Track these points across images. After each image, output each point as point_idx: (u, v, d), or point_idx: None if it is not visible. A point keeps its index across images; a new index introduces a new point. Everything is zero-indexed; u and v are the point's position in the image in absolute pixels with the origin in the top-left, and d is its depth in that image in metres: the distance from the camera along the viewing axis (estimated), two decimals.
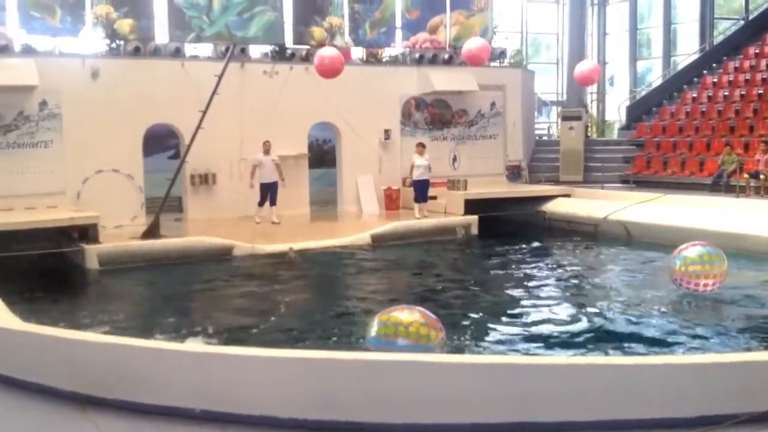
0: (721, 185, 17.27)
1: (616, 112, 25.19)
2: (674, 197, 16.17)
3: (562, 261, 13.46)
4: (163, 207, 14.47)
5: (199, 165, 16.44)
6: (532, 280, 11.92)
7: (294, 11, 18.45)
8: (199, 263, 12.97)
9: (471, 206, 16.67)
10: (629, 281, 11.53)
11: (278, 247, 13.52)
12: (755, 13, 24.65)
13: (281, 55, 18.24)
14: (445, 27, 20.14)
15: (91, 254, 12.73)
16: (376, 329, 6.14)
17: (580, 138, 21.38)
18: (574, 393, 4.83)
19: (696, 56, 24.45)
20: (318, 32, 18.37)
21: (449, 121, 19.77)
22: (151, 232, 13.87)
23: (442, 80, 19.03)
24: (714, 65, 23.39)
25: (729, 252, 10.18)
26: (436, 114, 19.61)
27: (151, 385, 5.33)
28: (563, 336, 8.40)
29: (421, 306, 6.66)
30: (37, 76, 14.82)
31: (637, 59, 27.95)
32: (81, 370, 5.62)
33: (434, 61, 19.70)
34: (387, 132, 18.85)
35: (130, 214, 15.59)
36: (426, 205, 16.68)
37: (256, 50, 18.33)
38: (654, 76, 26.68)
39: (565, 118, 22.20)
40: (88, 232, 13.27)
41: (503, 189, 18.84)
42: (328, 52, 14.78)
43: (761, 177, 16.48)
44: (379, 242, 14.67)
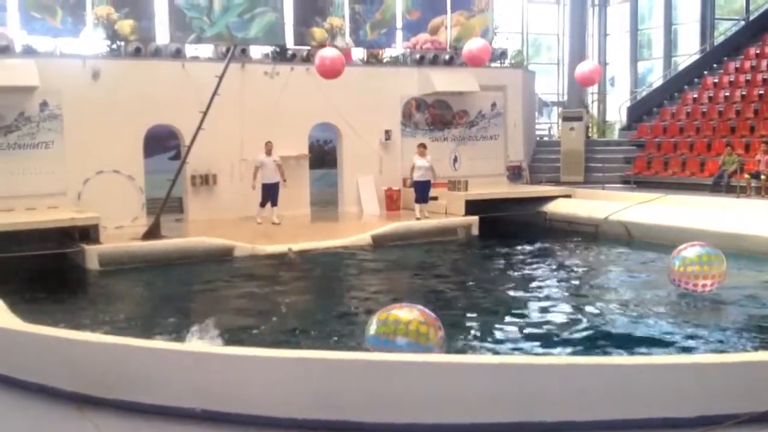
0: (721, 186, 17.27)
1: (617, 113, 25.21)
2: (675, 198, 16.16)
3: (562, 261, 13.45)
4: (164, 208, 14.47)
5: (200, 166, 16.45)
6: (532, 280, 11.92)
7: (295, 12, 18.46)
8: (199, 264, 12.98)
9: (472, 207, 16.67)
10: (630, 282, 11.52)
11: (279, 248, 13.53)
12: (756, 14, 24.64)
13: (282, 55, 18.25)
14: (446, 28, 20.15)
15: (92, 255, 12.74)
16: (375, 328, 6.11)
17: (580, 138, 21.39)
18: (574, 393, 4.82)
19: (697, 57, 24.45)
20: (319, 33, 18.37)
21: (450, 121, 19.77)
22: (152, 232, 13.88)
23: (443, 81, 19.03)
24: (715, 66, 23.40)
25: (730, 252, 10.19)
26: (436, 115, 19.61)
27: (152, 385, 5.32)
28: (564, 336, 8.40)
29: (421, 306, 6.65)
30: (37, 76, 14.83)
31: (637, 60, 27.95)
32: (81, 370, 5.61)
33: (435, 61, 19.71)
34: (388, 133, 18.85)
35: (130, 214, 15.60)
36: (427, 206, 16.67)
37: (256, 51, 18.33)
38: (655, 76, 26.69)
39: (565, 119, 22.20)
40: (88, 233, 13.28)
41: (504, 189, 18.85)
42: (329, 52, 14.78)
43: (762, 177, 16.48)
44: (380, 243, 14.67)
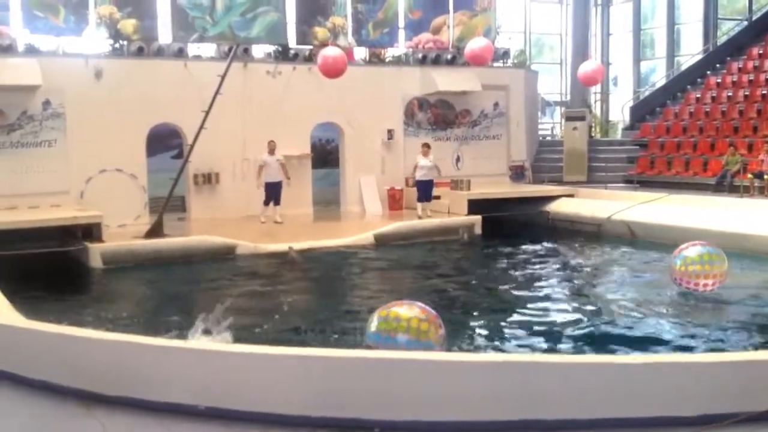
0: (724, 185, 17.26)
1: (620, 113, 25.19)
2: (678, 197, 16.15)
3: (565, 261, 13.44)
4: (167, 206, 14.50)
5: (202, 165, 16.47)
6: (535, 279, 11.91)
7: (297, 11, 18.48)
8: (202, 262, 12.99)
9: (474, 206, 16.67)
10: (632, 281, 11.52)
11: (281, 247, 13.53)
12: (759, 14, 24.61)
13: (284, 55, 18.27)
14: (448, 27, 20.15)
15: (95, 253, 12.77)
16: (375, 324, 6.11)
17: (583, 138, 21.37)
18: (575, 391, 4.82)
19: (699, 57, 24.43)
20: (321, 32, 18.38)
21: (452, 121, 19.77)
22: (155, 231, 13.90)
23: (446, 80, 19.03)
24: (717, 66, 23.37)
25: (732, 252, 10.19)
26: (439, 114, 19.61)
27: (156, 383, 5.33)
28: (565, 335, 8.40)
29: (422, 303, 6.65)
30: (40, 75, 14.87)
31: (640, 59, 27.91)
32: (85, 368, 5.63)
33: (437, 61, 19.70)
34: (390, 132, 18.85)
35: (133, 213, 15.62)
36: (429, 205, 16.69)
37: (259, 50, 18.36)
38: (658, 76, 26.66)
39: (568, 119, 22.18)
40: (91, 231, 13.31)
41: (506, 189, 18.85)
42: (331, 52, 14.81)
43: (765, 177, 16.47)
44: (383, 242, 14.67)
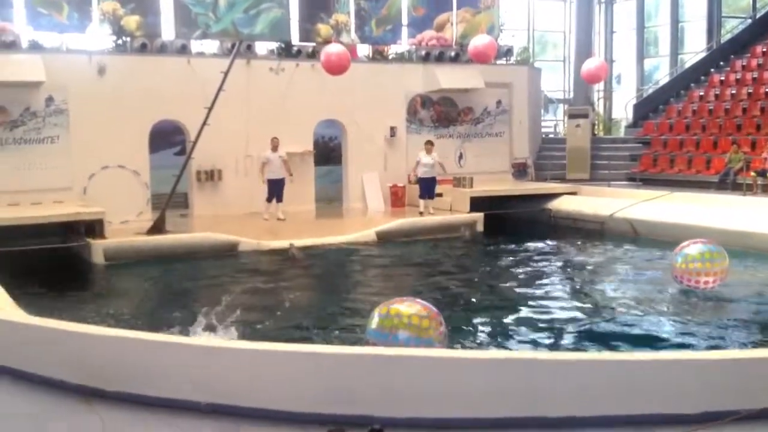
0: (727, 183, 17.22)
1: (623, 110, 25.14)
2: (681, 195, 16.13)
3: (567, 258, 13.44)
4: (169, 203, 14.50)
5: (205, 161, 16.48)
6: (537, 277, 11.90)
7: (300, 8, 18.47)
8: (204, 259, 13.00)
9: (477, 204, 16.66)
10: (635, 279, 11.51)
11: (283, 244, 13.53)
12: (763, 12, 24.54)
13: (287, 52, 18.25)
14: (452, 24, 20.13)
15: (97, 249, 12.79)
16: (376, 321, 6.11)
17: (586, 136, 21.34)
18: (577, 388, 4.83)
19: (703, 54, 24.38)
20: (324, 29, 18.38)
21: (455, 118, 19.76)
22: (157, 227, 13.92)
23: (449, 78, 19.01)
24: (721, 63, 23.30)
25: (735, 250, 10.17)
26: (442, 111, 19.59)
27: (157, 379, 5.35)
28: (567, 332, 8.40)
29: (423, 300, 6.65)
30: (43, 72, 14.88)
31: (644, 57, 27.85)
32: (86, 363, 5.64)
33: (441, 58, 19.69)
34: (393, 129, 18.84)
35: (136, 209, 15.63)
36: (431, 202, 16.68)
37: (262, 47, 18.33)
38: (661, 74, 26.60)
39: (571, 116, 22.15)
40: (94, 228, 13.32)
41: (509, 187, 18.85)
42: (334, 49, 14.79)
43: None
44: (385, 239, 14.67)
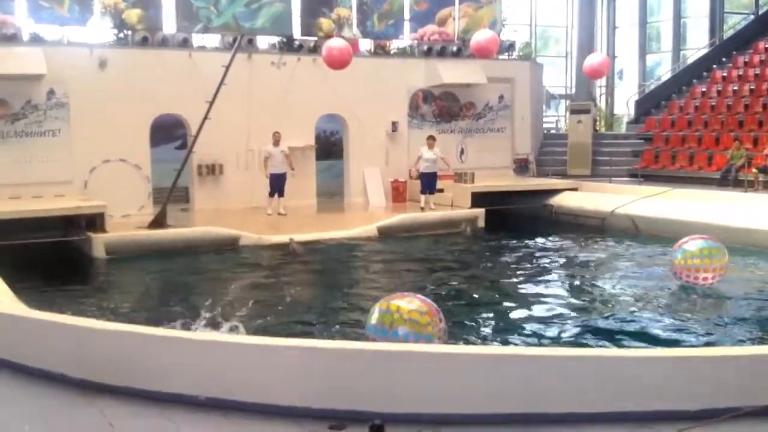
0: (729, 180, 17.20)
1: (625, 106, 25.12)
2: (682, 191, 16.11)
3: (568, 255, 13.43)
4: (170, 197, 14.50)
5: (206, 156, 16.47)
6: (538, 273, 11.91)
7: (302, 2, 18.42)
8: (205, 253, 13.00)
9: (478, 199, 16.65)
10: (636, 275, 11.49)
11: (284, 238, 13.52)
12: (765, 8, 24.52)
13: (289, 46, 18.24)
14: (454, 19, 20.09)
15: (98, 243, 12.79)
16: (376, 317, 6.10)
17: (588, 132, 21.31)
18: (577, 385, 4.83)
19: (705, 50, 24.34)
20: (326, 24, 18.35)
21: (457, 113, 19.73)
22: (158, 221, 13.91)
23: (451, 73, 18.98)
24: (723, 59, 23.25)
25: (737, 247, 10.15)
26: (443, 106, 19.57)
27: (156, 373, 5.35)
28: (567, 328, 8.39)
29: (423, 296, 6.64)
30: (45, 65, 14.87)
31: (646, 53, 27.83)
32: (87, 357, 5.65)
33: (443, 53, 19.65)
34: (394, 124, 18.82)
35: (137, 203, 15.63)
36: (433, 198, 16.67)
37: (263, 41, 18.31)
38: (663, 70, 26.58)
39: (573, 112, 22.12)
40: (95, 221, 13.33)
41: (510, 182, 18.83)
42: (336, 43, 14.77)
43: None
44: (386, 234, 14.65)
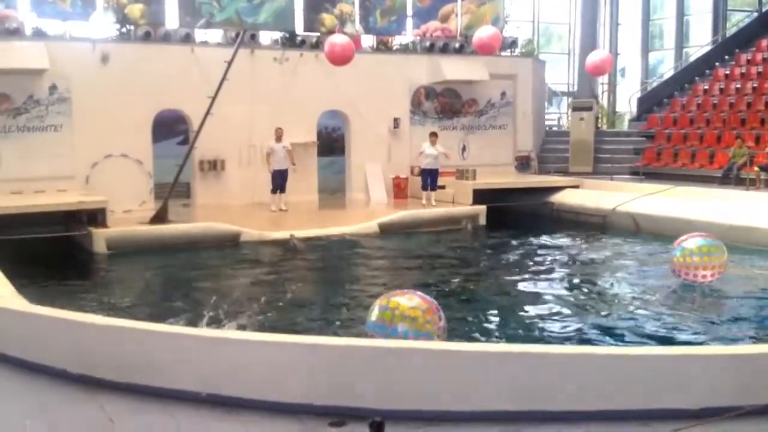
0: (731, 178, 17.19)
1: (627, 104, 25.12)
2: (684, 189, 16.09)
3: (569, 252, 13.42)
4: (172, 192, 14.50)
5: (208, 151, 16.47)
6: (539, 271, 11.89)
7: None
8: (206, 249, 13.00)
9: (479, 196, 16.64)
10: (637, 273, 11.49)
11: (286, 235, 13.52)
12: None
13: (291, 41, 18.20)
14: (456, 15, 20.08)
15: (99, 238, 12.79)
16: (376, 314, 6.10)
17: (590, 129, 21.29)
18: (577, 382, 4.83)
19: (708, 48, 24.29)
20: (329, 19, 18.35)
21: (459, 110, 19.72)
22: (160, 217, 13.91)
23: (453, 69, 18.96)
24: (726, 57, 23.21)
25: (738, 245, 10.13)
26: (446, 103, 19.56)
27: (157, 369, 5.36)
28: (568, 326, 8.39)
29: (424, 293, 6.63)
30: (47, 59, 14.86)
31: (649, 50, 27.80)
32: (87, 353, 5.65)
33: (445, 49, 19.64)
34: (396, 120, 18.82)
35: (138, 199, 15.62)
36: (434, 194, 16.67)
37: (266, 37, 18.28)
38: (666, 67, 26.55)
39: (575, 109, 22.09)
40: (96, 217, 13.32)
41: (512, 179, 18.81)
42: (339, 39, 14.75)
43: None
44: (387, 231, 14.65)
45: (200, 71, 15.87)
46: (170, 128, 18.08)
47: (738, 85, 21.28)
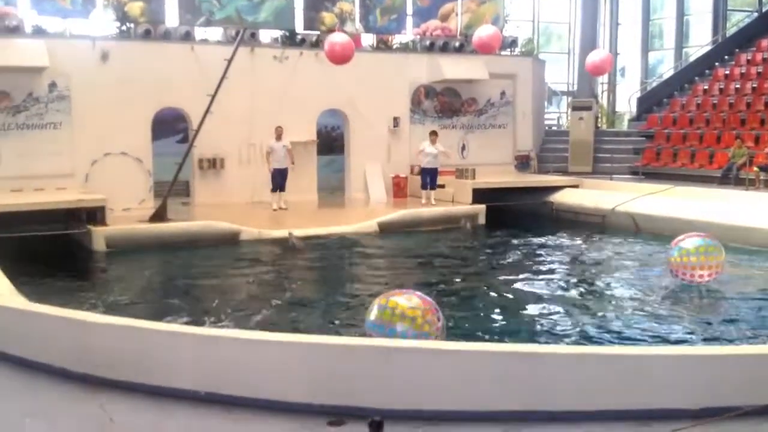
0: (730, 178, 17.19)
1: (627, 103, 25.10)
2: (683, 189, 16.09)
3: (568, 252, 13.43)
4: (171, 191, 14.49)
5: (208, 149, 16.46)
6: (538, 271, 11.89)
7: None
8: (205, 247, 13.00)
9: (479, 195, 16.65)
10: (636, 273, 11.48)
11: (285, 233, 13.52)
12: None
13: (291, 40, 18.18)
14: (456, 14, 20.06)
15: (99, 236, 12.78)
16: (374, 313, 6.10)
17: (589, 129, 21.29)
18: (577, 382, 4.83)
19: (708, 48, 24.29)
20: (329, 18, 18.33)
21: (459, 109, 19.72)
22: (159, 215, 13.91)
23: (453, 68, 18.96)
24: (726, 57, 23.21)
25: (737, 245, 10.13)
26: (445, 102, 19.55)
27: (157, 368, 5.35)
28: (567, 326, 8.39)
29: (422, 293, 6.63)
30: (47, 57, 14.85)
31: (649, 50, 27.79)
32: (87, 351, 5.65)
33: (445, 48, 19.63)
34: (396, 120, 18.81)
35: (138, 197, 15.62)
36: (434, 193, 16.67)
37: (266, 35, 18.28)
38: (665, 67, 26.55)
39: (575, 109, 22.10)
40: (95, 215, 13.31)
41: (511, 179, 18.81)
42: (338, 38, 14.74)
43: None
44: (387, 230, 14.65)
45: (200, 69, 15.85)
46: (170, 126, 18.08)
47: (738, 85, 21.29)
